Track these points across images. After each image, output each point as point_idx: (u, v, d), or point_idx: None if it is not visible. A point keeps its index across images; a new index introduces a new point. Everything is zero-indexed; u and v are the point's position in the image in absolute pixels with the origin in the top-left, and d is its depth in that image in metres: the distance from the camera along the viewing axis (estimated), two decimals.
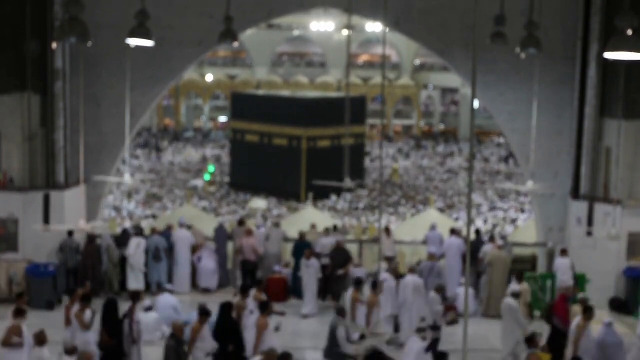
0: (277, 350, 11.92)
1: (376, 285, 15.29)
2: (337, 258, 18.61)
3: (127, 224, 24.41)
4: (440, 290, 16.04)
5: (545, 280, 18.52)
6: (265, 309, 13.92)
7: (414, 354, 13.20)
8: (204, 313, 13.58)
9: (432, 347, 14.83)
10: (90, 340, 13.74)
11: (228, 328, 13.88)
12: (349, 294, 15.92)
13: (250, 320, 14.59)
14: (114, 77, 19.37)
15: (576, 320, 14.16)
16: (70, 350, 12.50)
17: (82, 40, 12.28)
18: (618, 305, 18.65)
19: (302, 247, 18.88)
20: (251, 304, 14.95)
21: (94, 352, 13.34)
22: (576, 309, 14.97)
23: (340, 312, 14.79)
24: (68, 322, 14.23)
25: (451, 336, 15.57)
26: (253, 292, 15.37)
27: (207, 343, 13.46)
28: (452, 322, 16.50)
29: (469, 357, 7.86)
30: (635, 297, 18.37)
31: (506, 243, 20.58)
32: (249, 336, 14.04)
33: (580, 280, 18.26)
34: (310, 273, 17.96)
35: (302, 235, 19.70)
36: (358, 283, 15.90)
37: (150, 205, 35.89)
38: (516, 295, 15.19)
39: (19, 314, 13.16)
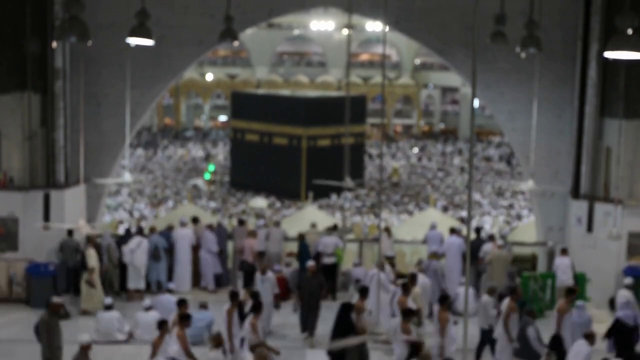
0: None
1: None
2: (308, 286, 16.54)
3: (143, 224, 24.44)
4: (493, 292, 15.49)
5: (545, 280, 18.51)
6: (445, 300, 14.18)
7: (582, 357, 12.98)
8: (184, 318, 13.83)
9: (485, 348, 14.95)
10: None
11: (346, 329, 13.66)
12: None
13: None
14: (114, 76, 19.38)
15: None
16: (255, 347, 12.87)
17: (82, 39, 12.29)
18: None
19: (305, 249, 19.11)
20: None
21: None
22: None
23: (530, 313, 14.53)
24: (230, 325, 14.31)
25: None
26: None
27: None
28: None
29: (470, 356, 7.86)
30: (635, 297, 18.33)
31: (506, 242, 20.57)
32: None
33: (580, 280, 18.26)
34: (266, 288, 16.58)
35: (301, 236, 19.66)
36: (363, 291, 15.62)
37: (160, 205, 35.90)
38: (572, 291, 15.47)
39: (184, 319, 13.67)
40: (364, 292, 15.26)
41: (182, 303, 14.64)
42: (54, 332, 13.23)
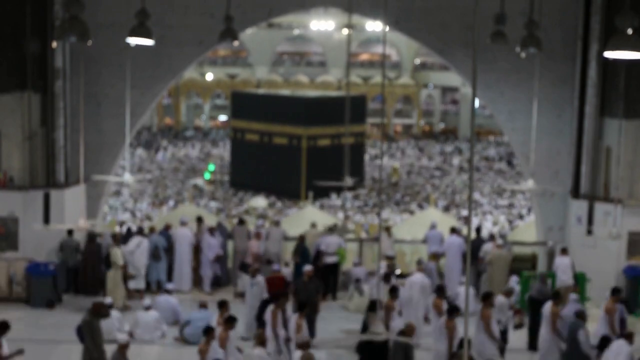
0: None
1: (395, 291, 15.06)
2: (304, 290, 16.27)
3: (146, 225, 24.45)
4: (510, 294, 15.51)
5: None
6: (488, 297, 14.26)
7: (623, 357, 12.94)
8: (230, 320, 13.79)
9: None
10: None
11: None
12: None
13: (397, 322, 14.29)
14: (114, 76, 19.39)
15: None
16: (303, 345, 12.88)
17: (82, 39, 12.29)
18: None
19: (305, 250, 19.13)
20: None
21: None
22: None
23: (581, 315, 14.34)
24: (275, 325, 14.36)
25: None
26: (431, 298, 15.44)
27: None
28: (519, 326, 16.46)
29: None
30: (635, 297, 18.35)
31: (506, 242, 20.59)
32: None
33: (580, 280, 18.26)
34: (254, 293, 16.35)
35: (302, 238, 19.65)
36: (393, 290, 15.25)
37: (163, 205, 35.85)
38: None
39: (229, 322, 13.68)
40: (394, 291, 15.06)
41: (223, 305, 14.55)
42: (97, 333, 13.26)
